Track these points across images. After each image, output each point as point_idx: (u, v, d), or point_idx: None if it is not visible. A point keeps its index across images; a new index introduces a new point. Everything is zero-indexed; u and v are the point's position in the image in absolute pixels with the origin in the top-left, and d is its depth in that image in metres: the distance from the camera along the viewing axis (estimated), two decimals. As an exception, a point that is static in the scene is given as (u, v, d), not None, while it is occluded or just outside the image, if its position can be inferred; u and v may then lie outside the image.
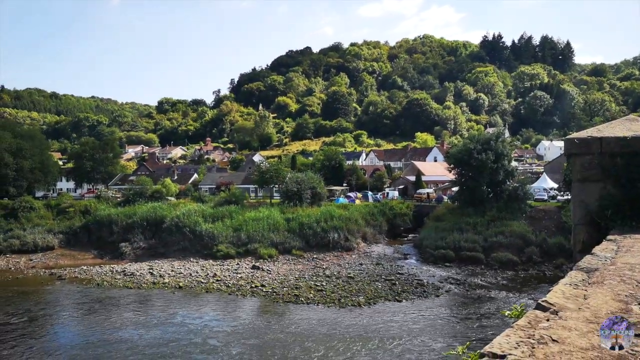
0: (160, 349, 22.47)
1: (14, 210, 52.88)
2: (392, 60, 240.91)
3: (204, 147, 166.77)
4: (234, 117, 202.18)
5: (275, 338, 23.31)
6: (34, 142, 65.78)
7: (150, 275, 37.25)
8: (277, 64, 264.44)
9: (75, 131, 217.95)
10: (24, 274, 39.75)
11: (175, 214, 47.83)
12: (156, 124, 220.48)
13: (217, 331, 24.76)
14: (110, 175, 78.36)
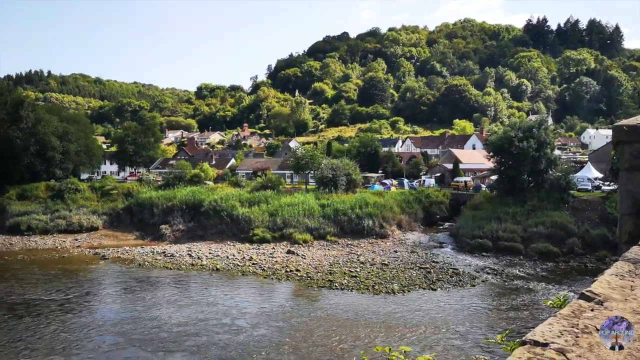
0: (187, 327, 23.17)
1: (60, 191, 55.19)
2: (431, 46, 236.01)
3: (241, 132, 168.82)
4: (271, 103, 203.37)
5: (305, 322, 23.62)
6: (79, 126, 68.19)
7: (189, 257, 38.30)
8: (314, 50, 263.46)
9: (118, 116, 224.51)
10: (69, 253, 41.53)
11: (213, 198, 48.80)
12: (195, 110, 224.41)
13: (247, 313, 25.28)
14: (151, 159, 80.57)
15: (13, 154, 56.48)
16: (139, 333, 22.52)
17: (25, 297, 28.33)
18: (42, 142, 58.19)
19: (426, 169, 78.41)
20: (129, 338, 21.91)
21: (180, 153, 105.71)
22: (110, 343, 21.44)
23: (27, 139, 56.98)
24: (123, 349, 20.80)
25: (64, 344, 21.15)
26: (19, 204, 53.37)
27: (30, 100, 69.05)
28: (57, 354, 20.14)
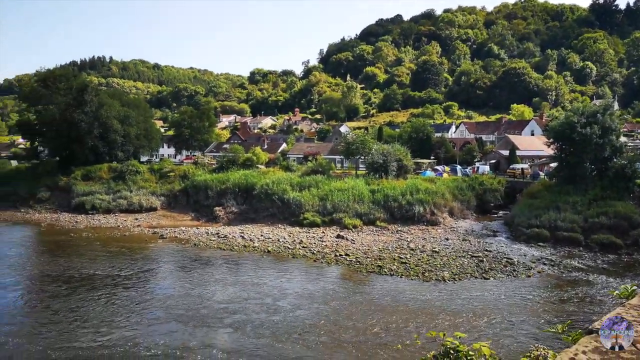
0: (229, 305, 23.91)
1: (122, 173, 57.93)
2: (489, 27, 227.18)
3: (292, 117, 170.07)
4: (322, 88, 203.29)
5: (350, 305, 23.75)
6: (139, 110, 71.00)
7: (242, 238, 39.30)
8: (366, 34, 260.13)
9: (176, 100, 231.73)
10: (130, 232, 43.63)
11: (265, 182, 49.67)
12: (248, 94, 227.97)
13: (291, 294, 25.69)
14: (206, 142, 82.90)
15: (78, 137, 59.71)
16: (184, 309, 23.45)
17: (87, 272, 30.12)
18: (104, 126, 61.12)
19: (480, 155, 76.20)
20: (174, 313, 22.88)
21: (233, 137, 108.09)
22: (155, 317, 22.48)
23: (91, 123, 59.97)
24: (166, 322, 21.77)
25: (113, 317, 22.38)
26: (83, 185, 56.52)
27: (93, 85, 72.51)
28: (105, 325, 21.35)
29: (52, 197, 56.45)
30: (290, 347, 18.91)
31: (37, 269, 31.41)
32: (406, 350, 18.31)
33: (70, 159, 61.71)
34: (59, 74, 64.94)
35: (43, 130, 63.24)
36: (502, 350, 17.97)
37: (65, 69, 72.18)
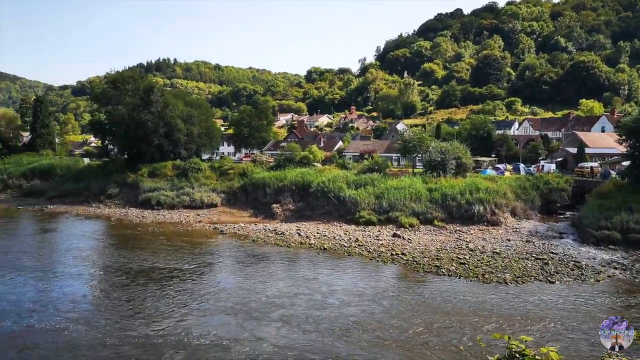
0: (279, 299, 24.38)
1: (185, 170, 60.20)
2: (555, 19, 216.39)
3: (348, 115, 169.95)
4: (379, 85, 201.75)
5: (403, 304, 23.50)
6: (201, 110, 73.46)
7: (298, 235, 39.80)
8: (425, 29, 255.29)
9: (235, 100, 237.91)
10: (192, 227, 45.28)
11: (321, 180, 49.98)
12: (305, 93, 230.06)
13: (342, 291, 25.78)
14: (264, 141, 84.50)
15: (145, 135, 62.61)
16: (237, 302, 24.13)
17: (151, 264, 31.57)
18: (169, 125, 63.73)
19: (546, 153, 72.92)
20: (227, 306, 23.59)
21: (290, 135, 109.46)
22: (209, 309, 23.27)
23: (156, 122, 62.69)
24: (219, 314, 22.55)
25: (170, 307, 23.41)
26: (150, 181, 59.24)
27: (159, 86, 75.71)
28: (161, 315, 22.41)
29: (121, 193, 59.59)
30: (331, 343, 19.14)
31: (105, 261, 33.31)
32: (468, 353, 17.89)
33: (138, 157, 64.85)
34: (127, 76, 68.32)
35: (113, 130, 66.74)
36: (569, 357, 17.17)
37: (132, 71, 75.85)
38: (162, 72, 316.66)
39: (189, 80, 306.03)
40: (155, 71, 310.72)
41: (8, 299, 24.73)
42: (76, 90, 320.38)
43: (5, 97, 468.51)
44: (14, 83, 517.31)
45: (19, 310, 23.03)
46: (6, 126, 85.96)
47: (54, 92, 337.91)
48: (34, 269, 30.35)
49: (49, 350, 18.88)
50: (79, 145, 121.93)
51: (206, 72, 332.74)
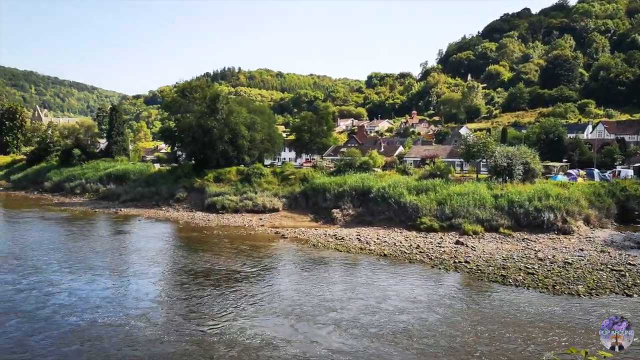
0: (331, 303, 24.58)
1: (248, 175, 61.84)
2: (632, 16, 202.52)
3: (409, 120, 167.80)
4: (441, 89, 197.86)
5: (457, 314, 22.83)
6: (264, 116, 75.26)
7: (358, 241, 39.71)
8: (490, 30, 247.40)
9: (296, 106, 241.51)
10: (255, 231, 46.37)
11: (382, 185, 49.64)
12: (365, 98, 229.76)
13: (397, 297, 25.50)
14: (324, 146, 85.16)
15: (211, 142, 65.03)
16: (294, 304, 24.53)
17: (214, 266, 32.65)
18: (234, 132, 65.80)
19: (622, 158, 68.36)
20: (284, 308, 24.05)
21: (350, 141, 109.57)
22: (266, 310, 23.85)
23: (222, 129, 64.93)
24: (274, 316, 23.08)
25: (228, 307, 24.27)
26: (215, 186, 61.36)
27: (224, 94, 78.35)
28: (216, 314, 23.33)
29: (188, 197, 62.14)
30: (377, 348, 19.16)
31: (171, 262, 34.88)
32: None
33: (204, 163, 67.40)
34: (195, 85, 71.31)
35: (181, 137, 69.76)
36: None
37: (200, 80, 79.20)
38: (227, 81, 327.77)
39: (252, 87, 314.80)
40: (221, 80, 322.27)
41: (78, 294, 26.59)
42: (148, 99, 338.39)
43: (84, 106, 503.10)
44: (92, 93, 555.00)
45: (86, 305, 24.72)
46: (85, 134, 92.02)
47: (128, 101, 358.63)
48: (104, 268, 32.36)
49: (110, 343, 20.05)
50: (150, 151, 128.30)
51: (269, 80, 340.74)
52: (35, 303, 24.87)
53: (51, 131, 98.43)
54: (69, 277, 29.99)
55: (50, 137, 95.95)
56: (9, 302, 25.02)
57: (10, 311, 23.68)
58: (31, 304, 24.78)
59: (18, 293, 26.65)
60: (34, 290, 27.16)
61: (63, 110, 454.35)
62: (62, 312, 23.54)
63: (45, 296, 26.04)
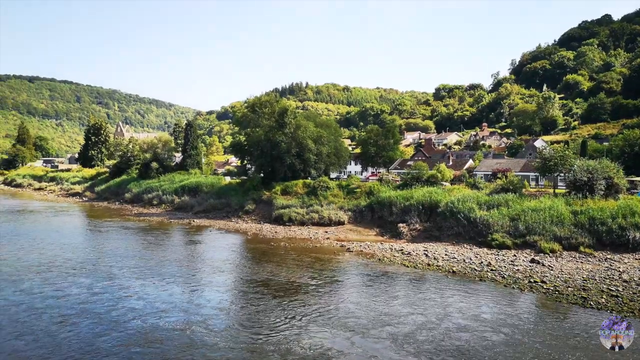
0: (390, 317, 24.42)
1: (314, 188, 62.52)
2: None
3: (479, 132, 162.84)
4: (514, 100, 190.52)
5: (525, 335, 21.48)
6: (330, 130, 75.98)
7: (425, 256, 38.79)
8: (567, 39, 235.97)
9: (362, 120, 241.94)
10: (320, 244, 46.60)
11: (450, 199, 48.34)
12: (432, 111, 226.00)
13: (461, 315, 24.67)
14: (390, 159, 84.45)
15: (279, 155, 66.53)
16: (350, 317, 24.48)
17: (281, 278, 33.06)
18: (301, 145, 66.97)
19: None
20: (339, 320, 24.12)
21: (417, 154, 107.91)
22: (321, 322, 23.94)
23: (289, 143, 66.28)
24: (329, 328, 23.16)
25: (284, 318, 24.59)
26: (282, 198, 62.56)
27: (292, 108, 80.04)
28: (274, 324, 23.72)
29: (256, 209, 63.78)
30: None
31: (238, 272, 35.75)
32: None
33: (272, 176, 69.00)
34: (265, 100, 73.46)
35: (251, 150, 71.88)
36: None
37: (269, 96, 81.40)
38: (295, 96, 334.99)
39: (319, 102, 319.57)
40: (289, 95, 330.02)
41: (146, 299, 28.09)
42: (220, 115, 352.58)
43: (162, 122, 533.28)
44: (169, 109, 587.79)
45: (152, 309, 26.11)
46: (162, 148, 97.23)
47: (202, 117, 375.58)
48: (174, 276, 33.82)
49: (170, 346, 21.14)
50: (221, 164, 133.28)
51: (335, 94, 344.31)
52: (107, 306, 26.72)
53: (132, 146, 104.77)
54: (139, 283, 31.81)
55: (131, 151, 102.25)
56: (83, 304, 27.02)
57: (84, 312, 25.60)
58: (103, 306, 26.66)
59: (92, 296, 28.74)
60: (107, 294, 29.15)
61: (143, 126, 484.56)
62: (130, 315, 25.12)
63: (116, 300, 27.88)
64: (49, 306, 26.55)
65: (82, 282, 31.93)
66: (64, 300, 27.66)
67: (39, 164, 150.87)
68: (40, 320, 24.27)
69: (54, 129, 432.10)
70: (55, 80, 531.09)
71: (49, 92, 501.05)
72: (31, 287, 30.38)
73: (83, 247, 45.03)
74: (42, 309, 25.96)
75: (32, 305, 26.73)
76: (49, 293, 29.06)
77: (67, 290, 29.87)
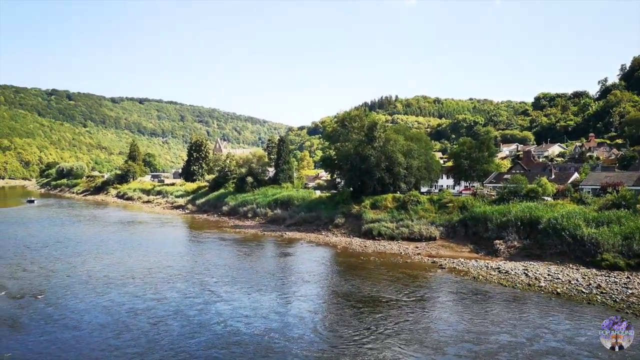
0: (478, 336, 23.69)
1: (404, 203, 61.48)
2: None
3: (585, 143, 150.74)
4: (625, 108, 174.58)
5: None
6: (421, 143, 74.50)
7: (525, 276, 36.46)
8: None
9: (454, 132, 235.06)
10: (410, 259, 45.62)
11: (553, 215, 45.12)
12: (532, 121, 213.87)
13: (557, 340, 23.08)
14: (485, 173, 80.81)
15: (368, 169, 66.43)
16: (437, 335, 24.02)
17: (370, 293, 32.84)
18: (390, 159, 66.37)
19: None
20: (425, 338, 23.80)
21: (515, 167, 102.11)
22: (405, 338, 23.76)
23: (378, 157, 65.99)
24: (413, 344, 23.05)
25: (368, 332, 24.68)
26: (371, 212, 62.25)
27: (381, 122, 79.77)
28: (355, 337, 23.97)
29: (346, 223, 64.03)
30: None
31: (326, 284, 36.17)
32: None
33: (361, 190, 68.99)
34: (354, 115, 73.95)
35: (340, 164, 72.53)
36: None
37: (358, 110, 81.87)
38: (384, 109, 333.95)
39: (409, 115, 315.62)
40: (378, 108, 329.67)
41: (232, 304, 29.94)
42: (311, 130, 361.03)
43: (256, 137, 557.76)
44: (262, 126, 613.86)
45: (235, 315, 27.88)
46: (257, 163, 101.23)
47: (293, 132, 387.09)
48: (262, 285, 35.20)
49: (247, 350, 22.57)
50: (312, 178, 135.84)
51: (425, 106, 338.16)
52: (197, 310, 28.91)
53: (229, 161, 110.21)
54: (229, 290, 33.79)
55: (228, 166, 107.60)
56: (177, 307, 29.43)
57: (176, 315, 27.98)
58: (193, 310, 28.89)
59: (185, 299, 31.19)
60: (198, 298, 31.46)
61: (239, 142, 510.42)
62: (216, 319, 27.07)
63: (206, 304, 30.06)
64: (147, 308, 29.32)
65: (178, 287, 34.66)
66: (160, 303, 30.33)
67: (148, 179, 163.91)
68: (138, 320, 26.95)
69: (161, 146, 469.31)
70: (162, 101, 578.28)
71: (157, 112, 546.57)
72: (134, 290, 33.52)
73: (183, 256, 48.15)
74: (141, 310, 28.70)
75: (133, 306, 29.63)
76: (149, 296, 32.00)
77: (164, 294, 32.70)
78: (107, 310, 28.82)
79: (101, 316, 27.65)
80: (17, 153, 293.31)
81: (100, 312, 28.33)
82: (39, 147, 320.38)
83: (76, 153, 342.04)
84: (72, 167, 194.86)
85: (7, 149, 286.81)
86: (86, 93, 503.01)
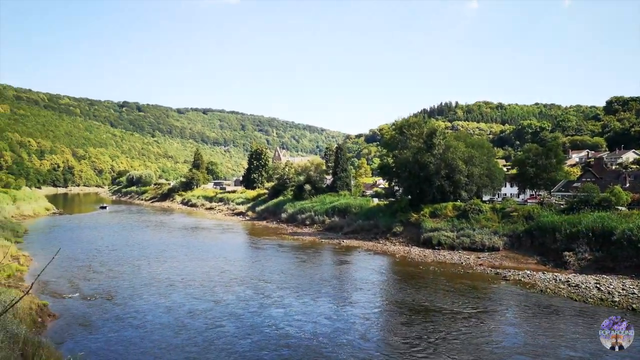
0: (537, 349, 22.88)
1: (465, 211, 59.74)
2: None
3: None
4: None
5: None
6: (482, 150, 72.19)
7: (597, 290, 34.31)
8: None
9: (519, 138, 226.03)
10: (472, 270, 44.18)
11: (628, 226, 42.24)
12: (603, 126, 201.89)
13: (623, 355, 21.53)
14: (552, 181, 77.03)
15: (427, 177, 65.17)
16: (493, 348, 23.01)
17: (430, 304, 32.07)
18: (450, 167, 64.78)
19: None
20: (489, 353, 22.86)
21: (585, 175, 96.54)
22: (458, 351, 23.21)
23: (438, 164, 64.61)
24: (459, 355, 22.47)
25: (424, 344, 24.31)
26: (431, 221, 60.94)
27: (441, 129, 78.11)
28: (412, 347, 23.78)
29: (404, 232, 63.06)
30: None
31: (382, 293, 35.87)
32: None
33: (420, 198, 67.74)
34: (412, 122, 72.96)
35: (398, 172, 71.62)
36: None
37: (417, 117, 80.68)
38: (444, 116, 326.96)
39: (469, 121, 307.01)
40: (437, 115, 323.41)
41: (285, 309, 30.68)
42: (368, 138, 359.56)
43: (314, 146, 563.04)
44: (320, 134, 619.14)
45: (287, 319, 28.50)
46: (315, 171, 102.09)
47: (351, 140, 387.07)
48: (316, 291, 35.43)
49: (295, 352, 23.22)
50: (369, 186, 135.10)
51: (487, 112, 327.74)
52: (251, 312, 29.94)
53: (287, 169, 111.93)
54: (283, 295, 34.48)
55: (287, 174, 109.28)
56: (232, 310, 30.50)
57: (231, 317, 29.05)
58: (247, 312, 29.91)
59: (240, 302, 32.37)
60: (253, 302, 32.50)
61: (297, 150, 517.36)
62: (267, 322, 27.88)
63: (259, 308, 31.01)
64: (205, 309, 30.64)
65: (235, 290, 36.00)
66: (217, 305, 31.64)
67: (210, 186, 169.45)
68: (196, 321, 28.23)
69: (223, 155, 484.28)
70: (224, 111, 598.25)
71: (219, 121, 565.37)
72: (194, 292, 35.20)
73: (241, 261, 49.45)
74: (199, 312, 30.05)
75: (192, 308, 31.04)
76: (208, 298, 33.51)
77: (222, 296, 34.02)
78: (169, 310, 30.22)
79: (163, 316, 29.05)
80: (91, 162, 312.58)
81: (162, 312, 29.74)
82: (111, 156, 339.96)
83: (145, 162, 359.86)
84: (141, 175, 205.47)
85: (82, 158, 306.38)
86: (154, 104, 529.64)
